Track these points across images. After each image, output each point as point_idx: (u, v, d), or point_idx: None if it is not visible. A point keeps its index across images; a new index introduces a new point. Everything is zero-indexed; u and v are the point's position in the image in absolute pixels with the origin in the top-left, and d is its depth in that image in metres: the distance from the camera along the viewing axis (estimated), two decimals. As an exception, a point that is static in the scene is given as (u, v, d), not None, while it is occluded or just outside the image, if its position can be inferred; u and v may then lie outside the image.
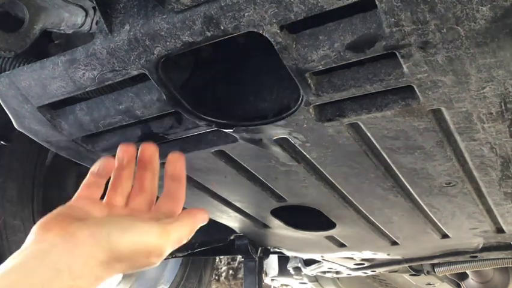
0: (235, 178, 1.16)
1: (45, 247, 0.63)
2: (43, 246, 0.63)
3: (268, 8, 0.68)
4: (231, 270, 4.16)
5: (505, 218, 1.32)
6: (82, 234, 0.65)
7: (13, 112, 0.98)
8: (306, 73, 0.78)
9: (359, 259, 1.96)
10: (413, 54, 0.69)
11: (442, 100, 0.79)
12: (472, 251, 1.73)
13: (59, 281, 0.59)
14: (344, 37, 0.70)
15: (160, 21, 0.75)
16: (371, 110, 0.84)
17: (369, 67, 0.77)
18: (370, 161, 1.01)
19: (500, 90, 0.75)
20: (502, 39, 0.65)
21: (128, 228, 0.69)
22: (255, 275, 2.01)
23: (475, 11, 0.62)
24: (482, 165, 1.00)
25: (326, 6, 0.66)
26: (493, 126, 0.84)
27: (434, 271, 2.10)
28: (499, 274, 2.39)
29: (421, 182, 1.10)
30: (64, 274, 0.59)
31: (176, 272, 2.43)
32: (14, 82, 0.91)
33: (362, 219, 1.37)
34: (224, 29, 0.72)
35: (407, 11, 0.63)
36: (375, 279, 2.73)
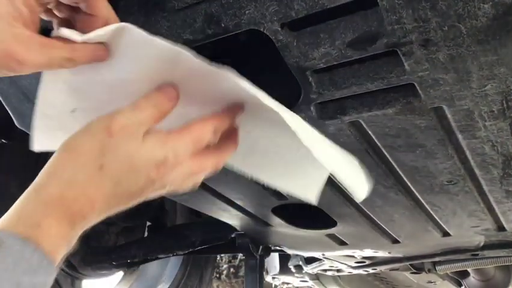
0: (236, 176, 1.15)
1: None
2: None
3: (269, 5, 0.68)
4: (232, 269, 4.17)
5: (507, 216, 1.32)
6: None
7: (14, 110, 0.98)
8: (307, 71, 0.77)
9: (360, 257, 1.96)
10: (415, 51, 0.69)
11: (443, 98, 0.79)
12: (473, 249, 1.73)
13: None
14: (345, 35, 0.70)
15: (160, 19, 0.75)
16: (372, 108, 0.84)
17: (370, 65, 0.76)
18: (371, 159, 1.01)
19: (501, 88, 0.75)
20: (504, 37, 0.65)
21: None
22: (256, 273, 2.01)
23: (477, 9, 0.61)
24: (483, 163, 0.99)
25: (327, 4, 0.65)
26: (494, 124, 0.84)
27: (435, 269, 2.10)
28: (500, 272, 2.39)
29: (422, 180, 1.10)
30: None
31: (177, 270, 2.44)
32: (15, 80, 0.91)
33: (363, 217, 1.36)
34: (225, 26, 0.72)
35: (408, 8, 0.63)
36: (376, 277, 2.73)
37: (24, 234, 0.52)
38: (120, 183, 0.59)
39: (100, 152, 0.58)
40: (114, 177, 0.59)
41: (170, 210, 2.36)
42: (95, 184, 0.58)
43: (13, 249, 0.50)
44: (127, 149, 0.59)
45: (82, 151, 0.59)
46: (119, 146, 0.59)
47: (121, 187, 0.59)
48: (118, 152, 0.59)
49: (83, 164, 0.58)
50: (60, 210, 0.55)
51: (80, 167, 0.58)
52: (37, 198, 0.56)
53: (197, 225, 2.08)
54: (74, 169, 0.58)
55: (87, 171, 0.58)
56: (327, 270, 2.33)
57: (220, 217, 1.53)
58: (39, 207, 0.55)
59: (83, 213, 0.57)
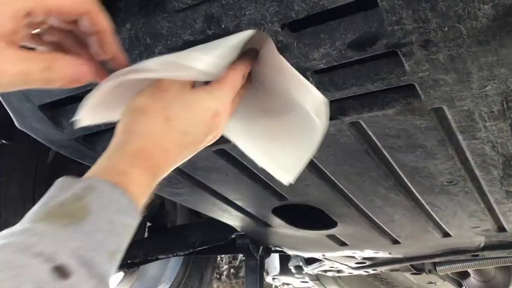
0: (236, 177, 1.16)
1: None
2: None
3: (270, 6, 0.68)
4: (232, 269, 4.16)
5: (507, 217, 1.32)
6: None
7: (14, 111, 0.98)
8: (308, 71, 0.77)
9: (361, 258, 1.96)
10: (415, 52, 0.69)
11: (444, 99, 0.79)
12: (474, 249, 1.73)
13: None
14: (345, 35, 0.70)
15: (161, 19, 0.75)
16: (372, 109, 0.84)
17: (370, 65, 0.76)
18: (371, 159, 1.01)
19: (502, 89, 0.75)
20: (504, 37, 0.65)
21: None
22: (257, 274, 2.01)
23: (477, 9, 0.61)
24: (483, 164, 0.99)
25: (327, 5, 0.66)
26: (494, 124, 0.84)
27: (435, 270, 2.10)
28: (501, 273, 2.39)
29: (422, 180, 1.10)
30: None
31: (178, 271, 2.44)
32: (15, 81, 0.91)
33: (363, 218, 1.36)
34: (225, 27, 0.72)
35: (408, 9, 0.63)
36: (377, 277, 2.73)
37: (113, 181, 0.57)
38: (187, 133, 0.66)
39: (163, 106, 0.65)
40: (181, 128, 0.66)
41: (171, 210, 2.36)
42: (166, 136, 0.65)
43: (104, 192, 0.56)
44: (183, 100, 0.67)
45: (147, 109, 0.65)
46: (176, 98, 0.67)
47: (187, 137, 0.66)
48: (177, 104, 0.66)
49: (153, 119, 0.65)
50: (143, 161, 0.62)
51: (151, 122, 0.64)
52: (121, 153, 0.62)
53: (197, 226, 2.08)
54: (147, 125, 0.64)
55: (158, 125, 0.65)
56: (328, 271, 2.33)
57: (221, 218, 1.53)
58: (124, 159, 0.61)
59: (160, 164, 0.64)
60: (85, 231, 0.52)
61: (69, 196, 0.55)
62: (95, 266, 0.51)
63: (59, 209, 0.53)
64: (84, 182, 0.56)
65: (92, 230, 0.52)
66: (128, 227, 0.57)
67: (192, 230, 2.05)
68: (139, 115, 0.65)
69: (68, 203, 0.54)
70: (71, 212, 0.53)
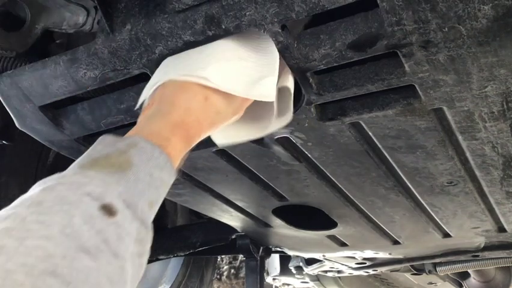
0: (236, 177, 1.16)
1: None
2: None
3: (270, 7, 0.68)
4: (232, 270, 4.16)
5: (507, 217, 1.31)
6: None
7: (15, 111, 0.99)
8: (308, 72, 0.78)
9: (361, 258, 1.96)
10: (415, 53, 0.69)
11: (444, 99, 0.79)
12: (474, 250, 1.73)
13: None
14: (345, 36, 0.70)
15: (161, 20, 0.75)
16: (372, 109, 0.84)
17: (370, 66, 0.77)
18: (371, 160, 1.01)
19: (502, 89, 0.75)
20: (504, 38, 0.65)
21: None
22: (257, 274, 2.01)
23: (477, 10, 0.61)
24: (483, 165, 0.99)
25: (327, 6, 0.66)
26: (494, 125, 0.84)
27: (435, 270, 2.10)
28: (501, 273, 2.38)
29: (423, 181, 1.10)
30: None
31: (178, 271, 2.43)
32: (16, 82, 0.91)
33: (363, 219, 1.36)
34: (225, 28, 0.72)
35: (408, 10, 0.63)
36: (377, 278, 2.73)
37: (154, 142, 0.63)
38: (219, 113, 0.73)
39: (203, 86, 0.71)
40: (216, 108, 0.73)
41: (171, 211, 2.36)
42: (203, 113, 0.72)
43: (145, 149, 0.61)
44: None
45: (189, 85, 0.71)
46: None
47: (219, 116, 0.73)
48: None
49: (194, 96, 0.71)
50: (182, 132, 0.68)
51: (192, 98, 0.71)
52: (163, 122, 0.68)
53: (198, 227, 2.08)
54: (189, 100, 0.71)
55: (197, 102, 0.71)
56: (328, 271, 2.33)
57: (221, 218, 1.53)
58: (167, 127, 0.67)
59: (194, 136, 0.71)
60: (128, 180, 0.57)
61: (113, 150, 0.61)
62: (138, 210, 0.56)
63: (105, 160, 0.59)
64: (127, 140, 0.63)
65: (134, 179, 0.58)
66: (165, 183, 0.62)
67: (192, 230, 2.05)
68: (182, 89, 0.71)
69: (113, 156, 0.60)
70: (115, 163, 0.58)
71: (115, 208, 0.53)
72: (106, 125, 0.97)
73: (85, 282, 0.46)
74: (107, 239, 0.51)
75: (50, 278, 0.44)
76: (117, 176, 0.57)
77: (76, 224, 0.49)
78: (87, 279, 0.47)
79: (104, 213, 0.52)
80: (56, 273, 0.45)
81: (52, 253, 0.46)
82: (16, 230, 0.47)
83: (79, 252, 0.48)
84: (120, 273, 0.51)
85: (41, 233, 0.47)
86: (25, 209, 0.50)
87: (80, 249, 0.48)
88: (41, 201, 0.51)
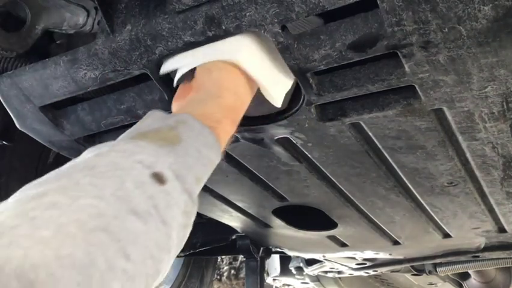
0: (236, 178, 1.16)
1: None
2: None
3: (270, 7, 0.68)
4: (232, 270, 4.16)
5: (507, 218, 1.31)
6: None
7: (15, 112, 0.99)
8: (308, 73, 0.78)
9: (361, 259, 1.96)
10: (415, 53, 0.69)
11: (444, 100, 0.79)
12: (474, 250, 1.73)
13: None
14: (345, 37, 0.70)
15: (161, 21, 0.75)
16: (372, 110, 0.84)
17: (370, 67, 0.77)
18: (372, 160, 1.01)
19: (502, 90, 0.75)
20: (504, 39, 0.65)
21: None
22: (257, 275, 2.01)
23: (477, 11, 0.61)
24: (484, 165, 0.99)
25: (327, 6, 0.66)
26: (494, 125, 0.84)
27: (436, 271, 2.09)
28: (501, 274, 2.38)
29: (423, 181, 1.10)
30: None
31: (178, 272, 2.43)
32: (16, 82, 0.91)
33: (363, 219, 1.36)
34: (226, 28, 0.72)
35: (408, 10, 0.63)
36: (377, 279, 2.73)
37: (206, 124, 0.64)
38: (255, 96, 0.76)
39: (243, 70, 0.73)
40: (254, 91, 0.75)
41: (171, 211, 2.36)
42: (248, 96, 0.75)
43: (195, 127, 0.63)
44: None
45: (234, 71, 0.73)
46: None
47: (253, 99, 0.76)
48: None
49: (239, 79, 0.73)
50: (232, 116, 0.71)
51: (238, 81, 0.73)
52: (216, 105, 0.70)
53: (198, 227, 2.08)
54: (236, 84, 0.73)
55: (243, 87, 0.74)
56: (328, 272, 2.32)
57: (221, 219, 1.53)
58: (219, 111, 0.69)
59: (238, 121, 0.73)
60: (178, 153, 0.58)
61: (163, 125, 0.62)
62: (187, 182, 0.57)
63: (155, 134, 0.61)
64: (177, 116, 0.65)
65: (183, 154, 0.59)
66: (212, 162, 0.64)
67: (192, 231, 2.04)
68: (228, 73, 0.73)
69: (163, 131, 0.61)
70: (165, 137, 0.60)
71: (165, 177, 0.55)
72: (106, 125, 0.97)
73: (134, 243, 0.48)
74: (157, 205, 0.52)
75: (101, 234, 0.45)
76: (167, 149, 0.58)
77: (128, 188, 0.51)
78: (136, 240, 0.48)
79: (155, 180, 0.53)
80: (107, 230, 0.46)
81: (104, 212, 0.47)
82: (70, 189, 0.49)
83: (130, 214, 0.49)
84: (166, 240, 0.53)
85: (93, 194, 0.49)
86: (78, 172, 0.52)
87: (131, 212, 0.49)
88: (94, 165, 0.53)
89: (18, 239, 0.42)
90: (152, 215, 0.51)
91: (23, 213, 0.45)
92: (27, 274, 0.39)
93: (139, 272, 0.48)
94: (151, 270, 0.50)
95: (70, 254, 0.42)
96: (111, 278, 0.44)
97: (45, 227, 0.43)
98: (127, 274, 0.46)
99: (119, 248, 0.46)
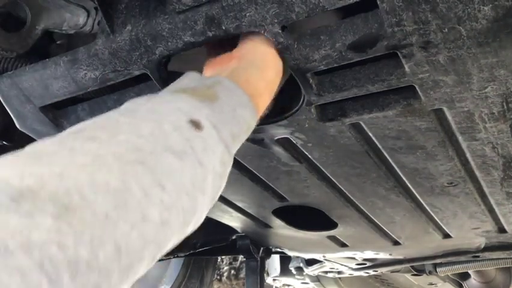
0: (236, 178, 1.16)
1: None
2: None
3: (270, 8, 0.68)
4: (232, 270, 4.16)
5: (507, 218, 1.31)
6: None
7: (15, 112, 0.99)
8: (308, 73, 0.78)
9: (361, 259, 1.96)
10: (415, 54, 0.69)
11: (444, 100, 0.79)
12: (474, 250, 1.73)
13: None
14: (345, 37, 0.70)
15: (161, 21, 0.75)
16: (372, 110, 0.84)
17: (370, 67, 0.77)
18: (372, 160, 1.01)
19: (502, 90, 0.75)
20: (504, 39, 0.65)
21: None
22: (257, 275, 2.01)
23: (477, 11, 0.62)
24: (484, 165, 0.99)
25: (327, 6, 0.66)
26: (494, 126, 0.84)
27: (436, 271, 2.09)
28: (501, 274, 2.38)
29: (423, 181, 1.10)
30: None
31: (178, 272, 2.43)
32: (16, 82, 0.91)
33: (363, 219, 1.36)
34: (226, 29, 0.72)
35: (408, 10, 0.63)
36: (377, 279, 2.73)
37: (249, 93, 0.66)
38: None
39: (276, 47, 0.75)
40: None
41: (171, 212, 2.36)
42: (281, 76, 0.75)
43: (230, 87, 0.65)
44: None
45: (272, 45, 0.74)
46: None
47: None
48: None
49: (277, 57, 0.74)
50: (272, 89, 0.73)
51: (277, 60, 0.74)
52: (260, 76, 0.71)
53: (198, 227, 2.08)
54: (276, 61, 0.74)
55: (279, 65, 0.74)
56: (328, 272, 2.32)
57: (221, 219, 1.53)
58: (263, 83, 0.71)
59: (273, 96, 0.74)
60: (214, 109, 0.60)
61: (200, 84, 0.65)
62: (223, 134, 0.59)
63: (192, 91, 0.63)
64: (213, 78, 0.67)
65: (220, 110, 0.61)
66: (247, 122, 0.65)
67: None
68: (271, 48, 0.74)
69: (200, 89, 0.63)
70: (202, 94, 0.62)
71: (202, 124, 0.56)
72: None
73: (169, 177, 0.49)
74: (193, 146, 0.54)
75: (137, 166, 0.47)
76: (205, 103, 0.60)
77: (165, 130, 0.53)
78: (171, 175, 0.50)
79: (192, 126, 0.55)
80: (143, 163, 0.48)
81: (141, 148, 0.49)
82: (109, 126, 0.51)
83: (166, 152, 0.51)
84: (202, 181, 0.54)
85: (132, 131, 0.51)
86: (118, 114, 0.55)
87: (167, 150, 0.51)
88: (134, 109, 0.56)
89: (55, 164, 0.43)
90: (189, 155, 0.53)
91: (62, 144, 0.47)
92: (61, 199, 0.40)
93: (175, 204, 0.49)
94: (187, 205, 0.51)
95: (104, 180, 0.44)
96: (148, 205, 0.46)
97: (83, 156, 0.45)
98: (163, 204, 0.47)
99: (154, 179, 0.48)
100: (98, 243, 0.40)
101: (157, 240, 0.47)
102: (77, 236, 0.39)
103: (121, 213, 0.43)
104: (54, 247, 0.37)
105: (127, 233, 0.43)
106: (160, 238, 0.47)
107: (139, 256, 0.44)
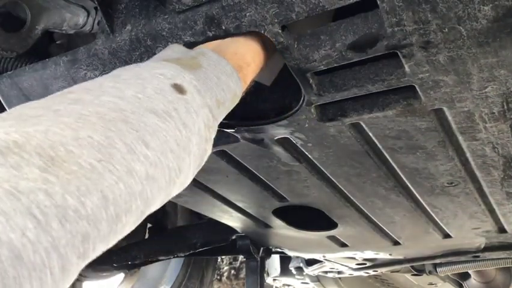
0: (236, 178, 1.16)
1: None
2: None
3: (270, 8, 0.68)
4: (232, 270, 4.16)
5: (507, 218, 1.31)
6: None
7: (15, 112, 0.98)
8: (308, 73, 0.78)
9: (361, 259, 1.96)
10: (415, 54, 0.69)
11: (444, 100, 0.79)
12: (474, 250, 1.73)
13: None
14: (345, 37, 0.70)
15: (161, 21, 0.75)
16: (372, 110, 0.84)
17: (370, 67, 0.77)
18: (372, 160, 1.01)
19: (502, 90, 0.75)
20: (504, 39, 0.65)
21: None
22: (257, 275, 2.01)
23: (477, 11, 0.61)
24: (484, 165, 0.99)
25: (327, 6, 0.66)
26: (495, 125, 0.84)
27: (436, 271, 2.09)
28: (501, 274, 2.38)
29: (423, 181, 1.10)
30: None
31: (178, 272, 2.43)
32: (16, 82, 0.91)
33: (363, 219, 1.36)
34: (226, 29, 0.72)
35: (408, 10, 0.63)
36: (377, 279, 2.73)
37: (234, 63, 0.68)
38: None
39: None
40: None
41: (171, 212, 2.36)
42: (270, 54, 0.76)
43: (213, 57, 0.66)
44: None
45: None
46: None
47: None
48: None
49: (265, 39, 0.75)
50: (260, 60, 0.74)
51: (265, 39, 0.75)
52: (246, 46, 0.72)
53: (198, 227, 2.08)
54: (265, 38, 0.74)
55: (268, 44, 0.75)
56: (328, 272, 2.32)
57: (221, 219, 1.53)
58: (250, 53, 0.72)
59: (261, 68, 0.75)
60: (198, 77, 0.61)
61: (184, 55, 0.67)
62: (207, 98, 0.60)
63: (176, 60, 0.64)
64: (197, 49, 0.68)
65: (204, 77, 0.62)
66: (232, 90, 0.66)
67: (193, 231, 2.05)
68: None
69: (184, 58, 0.65)
70: (186, 63, 0.63)
71: (185, 88, 0.58)
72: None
73: (152, 136, 0.50)
74: (177, 108, 0.55)
75: (120, 123, 0.48)
76: (188, 70, 0.61)
77: (149, 92, 0.54)
78: (155, 134, 0.51)
79: (175, 89, 0.57)
80: (126, 121, 0.49)
81: (123, 108, 0.50)
82: (93, 90, 0.52)
83: (150, 113, 0.52)
84: (187, 142, 0.55)
85: (115, 94, 0.52)
86: (103, 79, 0.56)
87: (150, 111, 0.52)
88: (119, 74, 0.58)
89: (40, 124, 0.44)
90: (173, 117, 0.54)
91: (47, 107, 0.48)
92: (47, 151, 0.41)
93: (160, 161, 0.50)
94: (172, 164, 0.52)
95: (88, 135, 0.45)
96: (133, 159, 0.47)
97: (67, 116, 0.46)
98: (148, 160, 0.49)
99: (138, 136, 0.49)
100: (84, 191, 0.41)
101: (144, 195, 0.48)
102: (63, 185, 0.40)
103: (106, 166, 0.44)
104: (41, 194, 0.38)
105: (113, 184, 0.44)
106: (146, 193, 0.48)
107: (126, 207, 0.45)
